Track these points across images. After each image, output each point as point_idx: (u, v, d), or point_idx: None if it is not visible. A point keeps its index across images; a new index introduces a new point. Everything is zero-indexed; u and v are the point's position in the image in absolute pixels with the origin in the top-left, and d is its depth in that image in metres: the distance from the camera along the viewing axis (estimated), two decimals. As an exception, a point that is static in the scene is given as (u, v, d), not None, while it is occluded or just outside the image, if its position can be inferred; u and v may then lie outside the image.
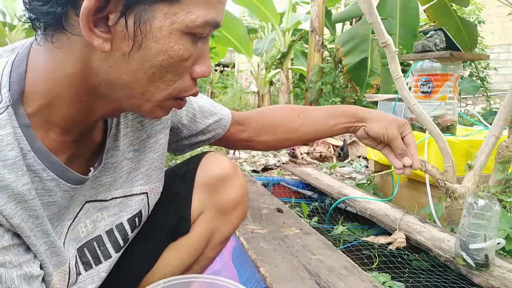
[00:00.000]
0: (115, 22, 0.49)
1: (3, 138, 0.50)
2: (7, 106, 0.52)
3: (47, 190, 0.57)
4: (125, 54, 0.51)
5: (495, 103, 5.44)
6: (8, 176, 0.50)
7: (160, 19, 0.49)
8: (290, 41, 5.59)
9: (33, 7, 0.50)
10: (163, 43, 0.51)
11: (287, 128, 0.93)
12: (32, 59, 0.55)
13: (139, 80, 0.53)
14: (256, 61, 6.37)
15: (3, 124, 0.51)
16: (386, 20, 3.86)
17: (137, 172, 0.74)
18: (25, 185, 0.52)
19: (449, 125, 1.81)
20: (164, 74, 0.53)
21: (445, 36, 1.79)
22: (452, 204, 1.39)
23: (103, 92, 0.55)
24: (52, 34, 0.51)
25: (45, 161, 0.55)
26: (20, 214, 0.52)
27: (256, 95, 6.41)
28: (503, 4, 2.31)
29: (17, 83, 0.53)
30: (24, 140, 0.53)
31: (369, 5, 1.35)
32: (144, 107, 0.57)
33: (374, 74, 4.07)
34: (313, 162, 3.28)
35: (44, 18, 0.50)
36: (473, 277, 1.07)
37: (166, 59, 0.52)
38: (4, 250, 0.52)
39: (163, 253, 0.84)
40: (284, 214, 1.56)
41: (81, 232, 0.68)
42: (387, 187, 2.01)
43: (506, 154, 1.35)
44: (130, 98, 0.55)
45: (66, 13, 0.49)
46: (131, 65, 0.52)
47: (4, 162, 0.50)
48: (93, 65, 0.52)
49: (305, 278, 1.03)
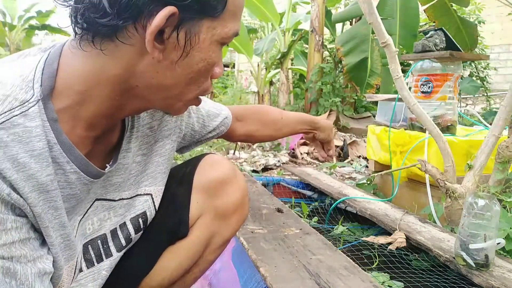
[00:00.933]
0: (169, 36, 0.55)
1: (32, 129, 0.54)
2: (38, 100, 0.55)
3: (69, 183, 0.60)
4: (173, 62, 0.58)
5: (495, 103, 5.44)
6: (34, 165, 0.54)
7: (204, 32, 0.57)
8: (290, 41, 5.60)
9: (89, 18, 0.53)
10: (205, 52, 0.59)
11: (275, 126, 1.12)
12: (65, 60, 0.58)
13: (178, 83, 0.60)
14: (256, 61, 6.37)
15: (33, 116, 0.54)
16: (386, 20, 3.86)
17: (143, 174, 0.77)
18: (48, 175, 0.56)
19: (449, 125, 1.81)
20: (199, 78, 0.61)
21: (445, 36, 1.79)
22: (452, 204, 1.39)
23: (138, 93, 0.60)
24: (100, 41, 0.55)
25: (69, 154, 0.58)
26: (41, 204, 0.55)
27: (256, 95, 6.41)
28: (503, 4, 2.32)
29: (48, 80, 0.56)
30: (51, 133, 0.56)
31: (369, 5, 1.35)
32: (175, 106, 0.65)
33: (374, 74, 4.07)
34: (313, 162, 3.28)
35: (101, 29, 0.54)
36: (473, 277, 1.07)
37: (204, 66, 0.60)
38: (21, 243, 0.54)
39: (162, 256, 0.84)
40: (284, 214, 1.56)
41: (87, 229, 0.70)
42: (387, 187, 2.01)
43: (506, 154, 1.35)
44: (166, 98, 0.62)
45: (125, 26, 0.54)
46: (176, 71, 0.58)
47: (31, 152, 0.54)
48: (138, 70, 0.58)
49: (305, 278, 1.03)
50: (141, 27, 0.54)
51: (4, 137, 0.52)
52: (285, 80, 5.63)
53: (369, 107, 4.92)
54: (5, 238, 0.52)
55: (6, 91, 0.54)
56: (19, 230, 0.54)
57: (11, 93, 0.54)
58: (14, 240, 0.53)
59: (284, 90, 5.63)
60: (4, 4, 10.11)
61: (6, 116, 0.52)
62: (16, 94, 0.54)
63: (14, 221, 0.53)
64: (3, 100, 0.53)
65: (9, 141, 0.52)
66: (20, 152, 0.52)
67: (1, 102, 0.53)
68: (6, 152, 0.51)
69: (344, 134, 3.89)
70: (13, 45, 10.10)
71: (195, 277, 0.91)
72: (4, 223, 0.52)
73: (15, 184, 0.52)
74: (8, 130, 0.52)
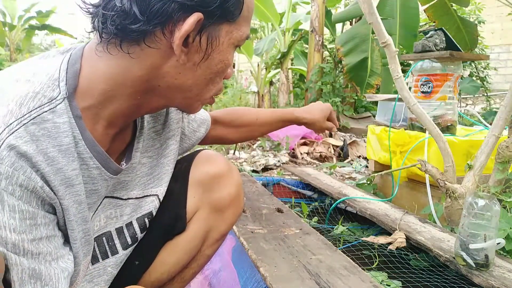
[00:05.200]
0: (193, 39, 0.59)
1: (60, 125, 0.56)
2: (64, 98, 0.58)
3: (92, 178, 0.63)
4: (195, 64, 0.61)
5: (495, 103, 5.44)
6: (62, 160, 0.56)
7: (223, 36, 0.61)
8: (290, 41, 5.60)
9: (119, 24, 0.56)
10: (223, 54, 0.63)
11: (248, 128, 1.13)
12: (88, 61, 0.61)
13: (199, 84, 0.64)
14: (256, 61, 6.37)
15: (61, 113, 0.57)
16: (386, 20, 3.86)
17: (150, 177, 0.79)
18: (74, 170, 0.58)
19: (449, 125, 1.81)
20: (216, 78, 0.65)
21: (445, 36, 1.79)
22: (452, 204, 1.39)
23: (160, 92, 0.63)
24: (128, 46, 0.58)
25: (92, 150, 0.61)
26: (67, 198, 0.58)
27: (256, 95, 6.40)
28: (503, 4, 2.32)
29: (72, 79, 0.59)
30: (77, 130, 0.58)
31: (369, 5, 1.35)
32: (194, 104, 0.68)
33: (374, 74, 4.07)
34: (313, 162, 3.28)
35: (131, 35, 0.57)
36: (473, 277, 1.07)
37: (222, 67, 0.64)
38: (47, 241, 0.56)
39: (160, 251, 0.85)
40: (284, 214, 1.56)
41: (95, 225, 0.71)
42: (387, 187, 2.01)
43: (506, 154, 1.35)
44: (186, 98, 0.66)
45: (153, 31, 0.57)
46: (197, 72, 0.62)
47: (59, 147, 0.56)
48: (162, 72, 0.61)
49: (305, 278, 1.03)
50: (168, 32, 0.57)
51: (36, 131, 0.54)
52: (285, 80, 5.63)
53: (369, 107, 4.92)
54: (35, 233, 0.54)
55: (35, 88, 0.56)
56: (47, 226, 0.55)
57: (40, 90, 0.56)
58: (42, 236, 0.54)
59: (284, 90, 5.63)
60: (4, 4, 10.11)
61: (37, 112, 0.55)
62: (44, 91, 0.56)
63: (44, 217, 0.55)
64: (33, 97, 0.55)
65: (40, 135, 0.54)
66: (49, 146, 0.55)
67: (32, 99, 0.55)
68: (39, 145, 0.54)
69: (344, 134, 3.89)
70: (13, 45, 10.10)
71: (193, 272, 0.92)
72: (35, 217, 0.53)
73: (47, 177, 0.54)
74: (39, 125, 0.54)
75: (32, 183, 0.52)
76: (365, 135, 3.64)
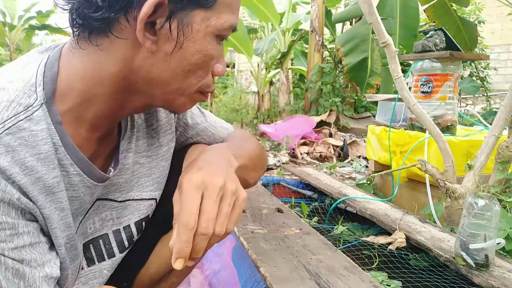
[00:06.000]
0: (161, 26, 0.55)
1: (38, 133, 0.55)
2: (42, 103, 0.56)
3: (72, 185, 0.61)
4: (167, 54, 0.57)
5: (495, 103, 5.44)
6: (41, 168, 0.55)
7: (198, 23, 0.57)
8: (290, 41, 5.59)
9: (84, 14, 0.54)
10: (200, 44, 0.58)
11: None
12: (65, 61, 0.59)
13: (176, 77, 0.60)
14: (256, 61, 6.36)
15: (38, 120, 0.55)
16: (386, 20, 3.86)
17: (149, 178, 0.77)
18: (55, 178, 0.57)
19: (449, 125, 1.81)
20: (197, 71, 0.60)
21: (445, 36, 1.79)
22: (452, 204, 1.39)
23: (139, 89, 0.60)
24: (96, 37, 0.56)
25: (73, 156, 0.59)
26: (49, 206, 0.56)
27: (256, 95, 6.39)
28: (503, 4, 2.32)
29: (50, 83, 0.57)
30: (56, 136, 0.57)
31: (369, 5, 1.35)
32: (177, 101, 0.63)
33: (374, 74, 4.07)
34: (313, 162, 3.28)
35: (95, 24, 0.54)
36: (473, 277, 1.07)
37: (201, 58, 0.59)
38: (31, 248, 0.55)
39: (156, 246, 0.84)
40: (284, 214, 1.56)
41: (88, 228, 0.70)
42: (387, 187, 2.01)
43: (506, 154, 1.35)
44: (166, 93, 0.61)
45: (117, 19, 0.55)
46: (171, 63, 0.58)
47: (38, 155, 0.54)
48: (135, 65, 0.58)
49: (305, 278, 1.03)
50: (133, 19, 0.54)
51: (11, 142, 0.52)
52: (285, 80, 5.63)
53: (369, 107, 4.92)
54: (17, 241, 0.53)
55: (10, 97, 0.54)
56: (30, 234, 0.55)
57: (14, 98, 0.54)
58: (25, 244, 0.54)
59: (284, 90, 5.62)
60: (4, 4, 10.10)
61: (12, 121, 0.53)
62: (19, 99, 0.55)
63: (26, 226, 0.54)
64: (7, 106, 0.54)
65: (16, 145, 0.53)
66: (27, 156, 0.53)
67: (6, 108, 0.53)
68: (14, 156, 0.52)
69: (344, 134, 3.89)
70: (13, 45, 10.09)
71: (191, 266, 0.90)
72: (16, 227, 0.53)
73: (24, 188, 0.53)
74: (15, 135, 0.53)
75: (7, 196, 0.51)
76: (365, 135, 3.64)
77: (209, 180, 0.60)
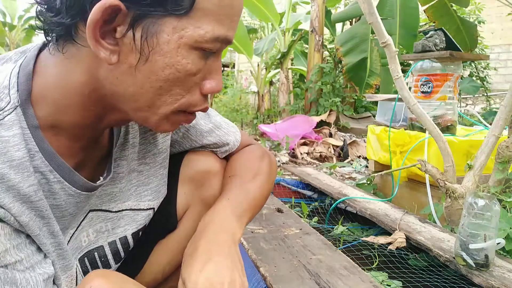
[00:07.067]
0: (122, 35, 0.49)
1: (9, 139, 0.51)
2: (16, 106, 0.52)
3: (52, 193, 0.56)
4: (131, 66, 0.51)
5: (495, 103, 5.44)
6: (14, 176, 0.50)
7: (168, 32, 0.50)
8: (290, 41, 5.59)
9: (45, 18, 0.51)
10: (170, 57, 0.51)
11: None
12: (42, 64, 0.55)
13: (145, 93, 0.53)
14: (256, 61, 6.36)
15: (10, 125, 0.51)
16: (386, 20, 3.86)
17: (147, 187, 0.74)
18: (31, 186, 0.52)
19: (449, 125, 1.81)
20: (171, 88, 0.53)
21: (445, 36, 1.79)
22: (452, 204, 1.39)
23: (110, 103, 0.55)
24: (63, 44, 0.52)
25: (52, 162, 0.55)
26: (27, 213, 0.52)
27: (256, 95, 6.40)
28: (503, 4, 2.32)
29: (24, 84, 0.53)
30: (32, 141, 0.53)
31: (369, 5, 1.35)
32: (151, 119, 0.56)
33: (374, 74, 4.07)
34: (313, 162, 3.28)
35: (55, 29, 0.51)
36: (473, 277, 1.07)
37: (173, 73, 0.52)
38: (16, 249, 0.52)
39: (153, 251, 0.83)
40: (284, 214, 1.56)
41: (83, 241, 0.67)
42: (387, 187, 2.01)
43: (506, 154, 1.35)
44: (137, 110, 0.55)
45: (76, 25, 0.50)
46: (137, 77, 0.52)
47: (10, 162, 0.50)
48: (100, 76, 0.53)
49: (305, 278, 1.03)
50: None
51: None
52: (285, 80, 5.63)
53: (369, 107, 4.92)
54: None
55: None
56: (8, 236, 0.51)
57: None
58: (7, 247, 0.51)
59: (284, 90, 5.63)
60: (4, 4, 10.11)
61: None
62: None
63: (2, 228, 0.50)
64: None
65: None
66: None
67: None
68: None
69: (344, 134, 3.89)
70: (13, 45, 10.10)
71: None
72: None
73: None
74: None
75: None
76: (365, 135, 3.64)
77: (215, 279, 0.59)
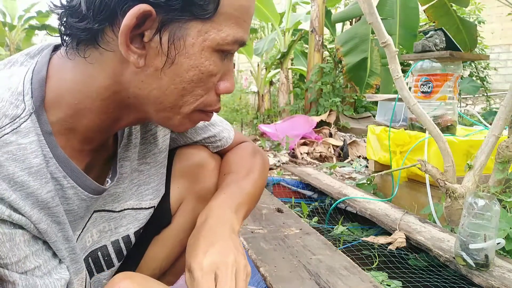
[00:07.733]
0: (150, 39, 0.51)
1: (27, 146, 0.51)
2: (31, 113, 0.52)
3: (66, 198, 0.57)
4: (157, 69, 0.53)
5: (495, 103, 5.44)
6: (33, 183, 0.51)
7: (193, 36, 0.52)
8: (290, 41, 5.59)
9: (69, 24, 0.52)
10: (195, 59, 0.53)
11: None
12: (56, 69, 0.55)
13: (169, 94, 0.55)
14: (256, 61, 6.36)
15: (26, 132, 0.51)
16: (386, 20, 3.86)
17: (148, 187, 0.75)
18: (49, 192, 0.53)
19: (449, 125, 1.81)
20: (194, 88, 0.55)
21: (445, 36, 1.79)
22: (452, 204, 1.39)
23: (132, 105, 0.57)
24: (84, 49, 0.53)
25: (66, 168, 0.55)
26: (45, 219, 0.53)
27: (256, 95, 6.40)
28: (503, 4, 2.32)
29: (38, 90, 0.53)
30: (47, 147, 0.53)
31: (369, 5, 1.35)
32: (173, 120, 0.58)
33: (374, 74, 4.07)
34: (313, 162, 3.28)
35: (80, 34, 0.51)
36: (473, 277, 1.07)
37: (197, 74, 0.54)
38: (35, 256, 0.53)
39: (149, 247, 0.83)
40: (284, 214, 1.56)
41: (87, 241, 0.68)
42: (387, 187, 2.01)
43: (506, 154, 1.35)
44: (159, 111, 0.57)
45: (102, 30, 0.51)
46: (163, 80, 0.54)
47: (29, 169, 0.51)
48: (125, 80, 0.54)
49: (305, 278, 1.03)
50: (118, 30, 0.50)
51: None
52: (285, 80, 5.63)
53: (369, 107, 4.92)
54: (18, 253, 0.51)
55: None
56: (27, 242, 0.52)
57: (0, 109, 0.51)
58: (27, 253, 0.52)
59: (284, 90, 5.62)
60: (4, 4, 10.11)
61: None
62: (6, 110, 0.51)
63: (22, 234, 0.51)
64: None
65: (3, 160, 0.49)
66: (17, 171, 0.50)
67: None
68: (2, 172, 0.49)
69: (344, 134, 3.89)
70: (13, 45, 10.10)
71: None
72: (13, 238, 0.50)
73: (14, 204, 0.49)
74: (1, 150, 0.49)
75: None
76: (365, 135, 3.64)
77: (219, 260, 0.60)
